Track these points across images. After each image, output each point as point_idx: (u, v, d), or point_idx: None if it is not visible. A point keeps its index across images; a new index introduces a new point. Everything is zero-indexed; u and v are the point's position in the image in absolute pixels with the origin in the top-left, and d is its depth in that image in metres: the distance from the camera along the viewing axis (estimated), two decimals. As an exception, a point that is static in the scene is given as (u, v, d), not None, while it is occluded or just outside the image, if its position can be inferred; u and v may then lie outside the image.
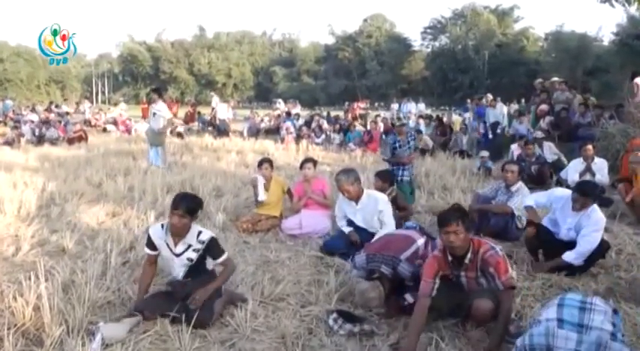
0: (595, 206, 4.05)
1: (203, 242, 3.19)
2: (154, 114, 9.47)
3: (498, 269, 2.91)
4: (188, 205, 3.12)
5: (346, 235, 4.65)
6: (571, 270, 4.00)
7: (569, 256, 3.95)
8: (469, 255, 3.00)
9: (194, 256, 3.21)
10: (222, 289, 3.43)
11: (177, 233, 3.18)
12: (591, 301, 2.31)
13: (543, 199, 4.48)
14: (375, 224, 4.56)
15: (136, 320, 3.04)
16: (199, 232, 3.22)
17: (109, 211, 5.95)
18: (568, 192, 4.26)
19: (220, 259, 3.27)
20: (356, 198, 4.57)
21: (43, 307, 3.03)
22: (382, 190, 5.05)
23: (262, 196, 5.47)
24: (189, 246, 3.20)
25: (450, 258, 3.04)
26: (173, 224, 3.13)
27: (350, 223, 4.73)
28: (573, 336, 2.15)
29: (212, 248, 3.22)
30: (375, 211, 4.51)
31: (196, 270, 3.26)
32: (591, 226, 3.95)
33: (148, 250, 3.31)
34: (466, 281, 3.10)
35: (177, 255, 3.21)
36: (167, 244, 3.23)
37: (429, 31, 52.75)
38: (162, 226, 3.27)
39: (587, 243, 3.93)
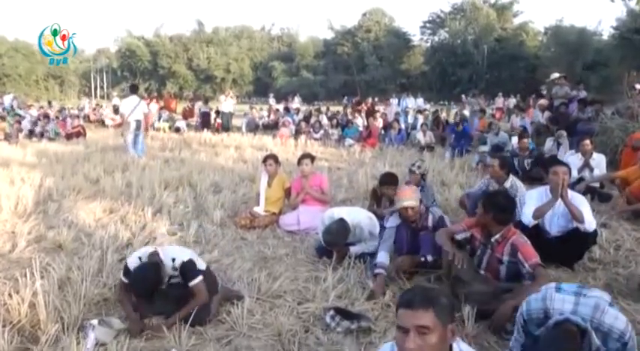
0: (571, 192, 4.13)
1: (176, 269, 3.09)
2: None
3: (526, 253, 3.12)
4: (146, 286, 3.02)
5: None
6: (567, 259, 4.01)
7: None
8: (498, 236, 3.27)
9: (178, 280, 3.12)
10: (219, 286, 3.42)
11: None
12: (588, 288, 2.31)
13: (533, 204, 4.21)
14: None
15: (122, 326, 2.99)
16: (173, 259, 3.09)
17: (107, 207, 5.93)
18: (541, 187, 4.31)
19: (191, 283, 3.06)
20: None
21: (39, 304, 3.02)
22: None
23: (261, 208, 5.49)
24: (170, 277, 3.11)
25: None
26: None
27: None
28: (571, 299, 2.17)
29: (185, 272, 3.08)
30: (361, 237, 4.37)
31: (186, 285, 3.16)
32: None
33: (125, 279, 3.10)
34: (488, 259, 3.34)
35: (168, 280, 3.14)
36: None
37: (428, 25, 52.70)
38: (140, 258, 3.11)
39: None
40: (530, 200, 4.26)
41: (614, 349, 2.10)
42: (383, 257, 3.76)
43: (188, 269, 3.09)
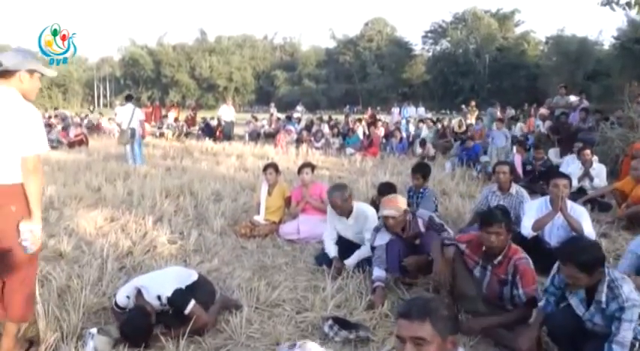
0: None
1: (165, 305, 3.04)
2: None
3: (526, 278, 2.99)
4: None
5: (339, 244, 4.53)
6: None
7: None
8: (500, 257, 3.11)
9: (171, 310, 3.09)
10: (218, 295, 3.43)
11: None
12: None
13: (533, 215, 4.24)
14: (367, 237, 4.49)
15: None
16: (159, 297, 3.02)
17: (108, 215, 5.95)
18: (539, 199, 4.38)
19: (186, 311, 2.98)
20: (347, 213, 4.44)
21: (38, 313, 3.02)
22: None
23: (261, 217, 5.50)
24: (162, 311, 3.07)
25: (483, 249, 3.19)
26: None
27: (340, 238, 4.58)
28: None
29: (176, 305, 3.01)
30: (365, 226, 4.35)
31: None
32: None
33: (117, 310, 3.15)
34: (489, 278, 3.18)
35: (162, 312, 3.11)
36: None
37: (429, 35, 52.96)
38: (128, 297, 3.09)
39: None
40: (530, 211, 4.28)
41: (613, 309, 2.41)
42: (378, 272, 3.72)
43: (177, 301, 3.00)
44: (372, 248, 3.97)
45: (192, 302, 3.01)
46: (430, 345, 1.57)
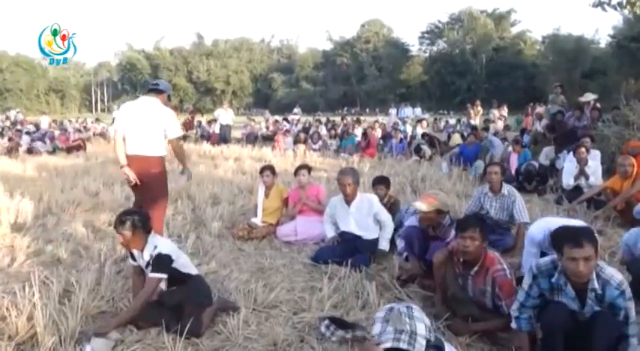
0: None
1: (151, 256, 3.21)
2: None
3: (504, 292, 3.01)
4: (131, 223, 3.19)
5: (338, 244, 4.69)
6: None
7: None
8: (476, 267, 3.11)
9: (174, 287, 3.30)
10: (216, 297, 3.45)
11: (134, 247, 3.29)
12: None
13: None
14: (370, 226, 4.59)
15: (119, 336, 3.05)
16: (155, 247, 3.23)
17: (105, 220, 5.96)
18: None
19: (150, 274, 3.15)
20: (352, 199, 4.61)
21: (37, 317, 3.04)
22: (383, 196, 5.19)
23: (258, 219, 5.53)
24: (149, 260, 3.23)
25: (461, 259, 3.19)
26: (120, 243, 3.30)
27: (343, 235, 4.75)
28: None
29: (155, 263, 3.18)
30: (370, 212, 4.57)
31: (173, 279, 3.28)
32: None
33: (131, 261, 3.43)
34: (472, 286, 3.19)
35: (146, 267, 3.27)
36: (140, 257, 3.31)
37: (426, 35, 53.13)
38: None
39: None
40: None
41: (614, 296, 2.49)
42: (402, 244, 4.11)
43: (158, 262, 3.16)
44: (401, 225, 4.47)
45: (163, 276, 3.18)
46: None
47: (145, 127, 4.37)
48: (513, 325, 2.81)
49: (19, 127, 18.69)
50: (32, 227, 5.66)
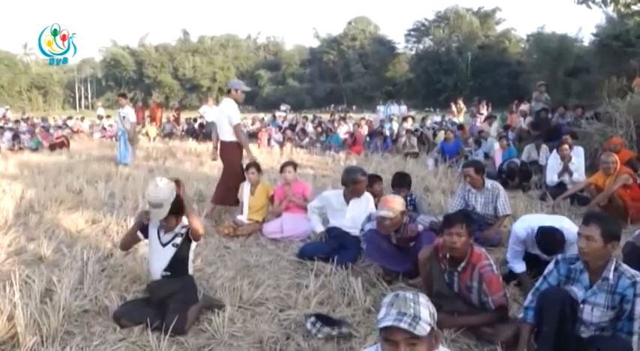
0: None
1: (185, 226, 3.37)
2: (124, 117, 10.41)
3: (491, 287, 3.03)
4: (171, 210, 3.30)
5: (325, 240, 4.70)
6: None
7: None
8: (463, 263, 3.12)
9: (179, 241, 3.35)
10: (201, 295, 3.43)
11: (169, 227, 3.36)
12: None
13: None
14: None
15: None
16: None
17: (89, 218, 5.88)
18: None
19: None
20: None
21: (17, 317, 2.99)
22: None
23: (244, 216, 5.50)
24: (176, 235, 3.36)
25: (447, 256, 3.18)
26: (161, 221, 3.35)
27: (329, 229, 4.79)
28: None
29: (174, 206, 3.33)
30: (366, 210, 4.55)
31: (177, 264, 3.32)
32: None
33: (140, 235, 3.48)
34: (458, 282, 3.20)
35: (164, 244, 3.32)
36: (158, 232, 3.37)
37: (412, 33, 53.27)
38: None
39: None
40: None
41: (625, 286, 2.51)
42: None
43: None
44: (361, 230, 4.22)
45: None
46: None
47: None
48: (521, 315, 2.85)
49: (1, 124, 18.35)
50: (14, 225, 5.56)
